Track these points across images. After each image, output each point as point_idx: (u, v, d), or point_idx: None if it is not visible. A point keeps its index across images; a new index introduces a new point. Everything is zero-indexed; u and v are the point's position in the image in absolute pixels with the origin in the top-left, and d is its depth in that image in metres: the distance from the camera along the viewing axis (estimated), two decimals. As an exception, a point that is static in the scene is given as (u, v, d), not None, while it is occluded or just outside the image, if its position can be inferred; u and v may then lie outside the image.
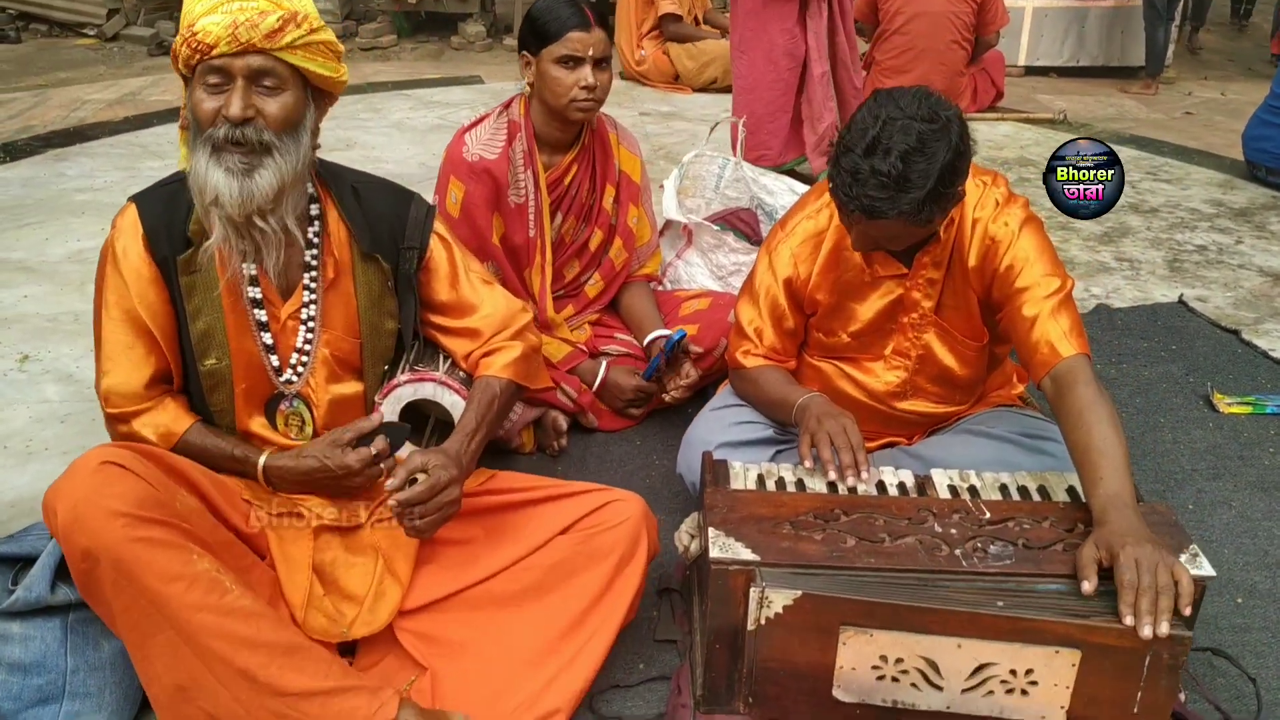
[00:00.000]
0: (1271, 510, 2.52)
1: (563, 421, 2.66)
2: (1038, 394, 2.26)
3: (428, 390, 2.03)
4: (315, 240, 1.92)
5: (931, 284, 2.17)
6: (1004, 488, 2.02)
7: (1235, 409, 2.98)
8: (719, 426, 2.28)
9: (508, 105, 2.71)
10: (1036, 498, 1.99)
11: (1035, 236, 2.08)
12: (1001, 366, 2.38)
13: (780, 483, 2.01)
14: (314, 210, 1.92)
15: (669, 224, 3.22)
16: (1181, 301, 3.73)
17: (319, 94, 1.85)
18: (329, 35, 1.80)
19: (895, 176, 1.84)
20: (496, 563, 1.91)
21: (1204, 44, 9.28)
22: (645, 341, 2.77)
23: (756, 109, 4.48)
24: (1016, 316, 2.04)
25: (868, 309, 2.24)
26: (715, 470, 2.04)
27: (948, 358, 2.24)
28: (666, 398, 2.68)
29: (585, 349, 2.78)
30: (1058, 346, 1.97)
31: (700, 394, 2.78)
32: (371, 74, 7.67)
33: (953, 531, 1.80)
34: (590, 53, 2.53)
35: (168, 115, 6.15)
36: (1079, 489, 1.92)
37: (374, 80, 7.35)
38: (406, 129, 6.00)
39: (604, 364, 2.74)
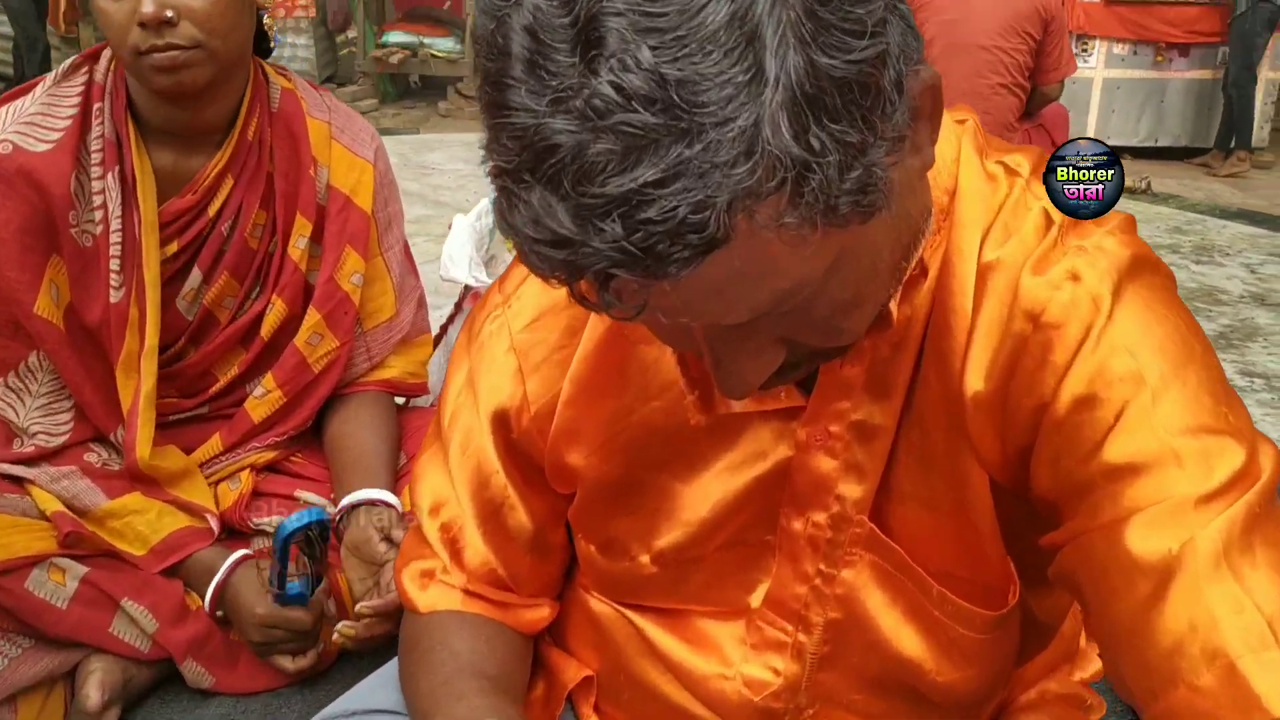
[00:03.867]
0: None
1: (94, 693, 1.26)
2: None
3: None
4: None
5: (864, 435, 0.80)
6: None
7: None
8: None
9: (90, 57, 1.41)
10: None
11: (1161, 318, 0.73)
12: (1054, 633, 0.97)
13: None
14: None
15: (466, 292, 1.86)
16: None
17: None
18: None
19: (657, 83, 0.51)
20: None
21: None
22: (337, 510, 1.40)
23: None
24: (1115, 548, 0.68)
25: (701, 494, 0.87)
26: None
27: (907, 637, 0.85)
28: (335, 637, 1.28)
29: (216, 523, 1.41)
30: (1257, 688, 0.60)
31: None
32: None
33: None
34: None
35: None
36: None
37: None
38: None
39: (230, 560, 1.36)
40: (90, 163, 1.35)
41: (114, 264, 1.36)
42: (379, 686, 1.01)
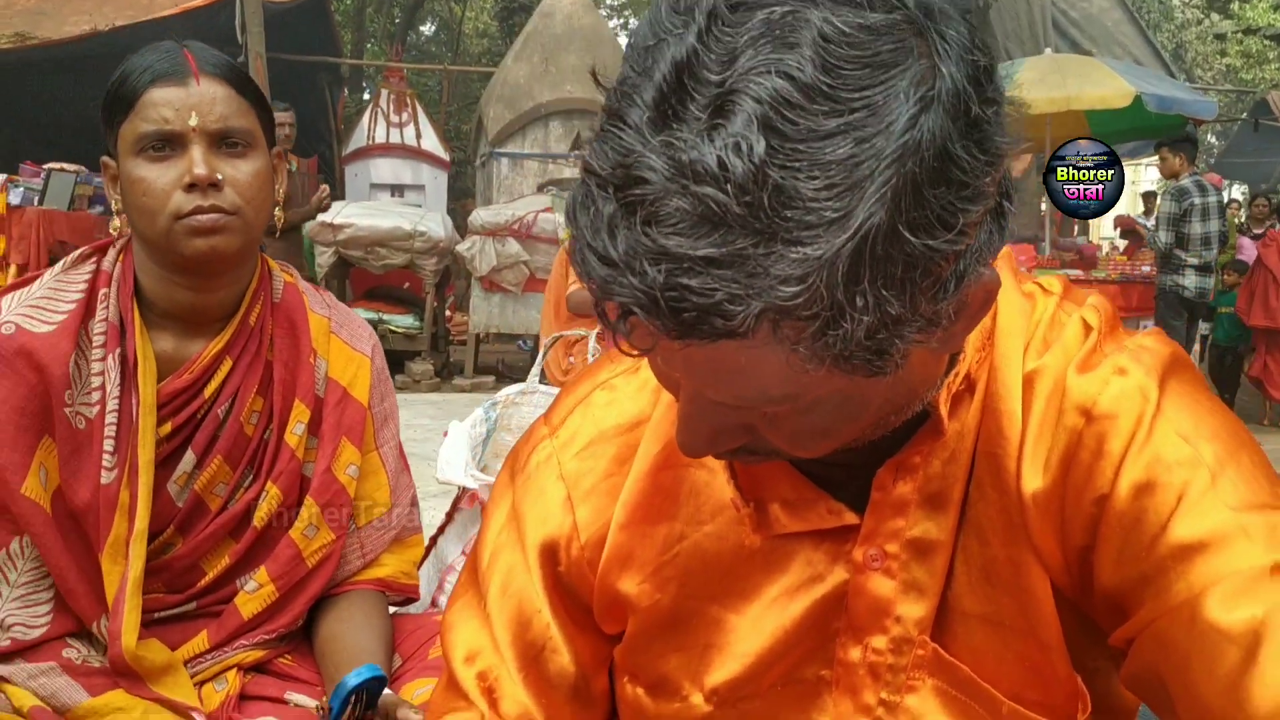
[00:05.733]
0: None
1: None
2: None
3: None
4: None
5: (922, 552, 0.80)
6: None
7: None
8: None
9: (99, 249, 1.44)
10: None
11: (1209, 409, 0.77)
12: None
13: None
14: None
15: (462, 495, 1.85)
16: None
17: None
18: None
19: (756, 178, 0.56)
20: None
21: None
22: (324, 702, 1.33)
23: None
24: (1196, 623, 0.68)
25: (755, 625, 0.85)
26: None
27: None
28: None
29: (202, 725, 1.32)
30: None
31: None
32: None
33: None
34: (195, 122, 1.29)
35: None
36: None
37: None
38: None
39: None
40: (91, 345, 1.37)
41: (108, 444, 1.34)
42: None
